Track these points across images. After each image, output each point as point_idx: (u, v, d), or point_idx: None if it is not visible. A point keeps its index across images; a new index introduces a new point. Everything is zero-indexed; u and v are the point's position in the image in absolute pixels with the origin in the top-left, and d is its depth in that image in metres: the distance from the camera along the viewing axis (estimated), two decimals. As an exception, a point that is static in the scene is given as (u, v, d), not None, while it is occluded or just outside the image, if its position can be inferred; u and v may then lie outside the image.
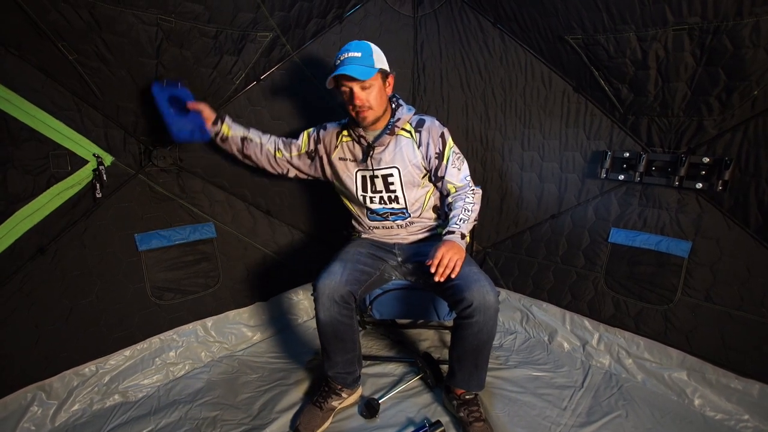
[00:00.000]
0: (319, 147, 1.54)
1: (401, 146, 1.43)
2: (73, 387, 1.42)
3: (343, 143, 1.50)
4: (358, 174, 1.49)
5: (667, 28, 1.31)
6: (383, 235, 1.58)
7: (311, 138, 1.56)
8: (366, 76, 1.28)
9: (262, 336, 1.89)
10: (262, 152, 1.57)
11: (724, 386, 1.43)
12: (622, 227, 1.67)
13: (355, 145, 1.47)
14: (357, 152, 1.47)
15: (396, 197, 1.48)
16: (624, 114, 1.58)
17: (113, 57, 1.31)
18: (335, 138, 1.51)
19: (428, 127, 1.45)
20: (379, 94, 1.34)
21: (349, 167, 1.50)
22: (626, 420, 1.42)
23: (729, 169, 1.38)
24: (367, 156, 1.44)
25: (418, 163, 1.45)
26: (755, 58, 1.20)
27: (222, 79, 1.57)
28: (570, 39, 1.55)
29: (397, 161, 1.43)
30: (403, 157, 1.43)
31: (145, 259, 1.59)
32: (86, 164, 1.41)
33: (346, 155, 1.50)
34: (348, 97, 1.34)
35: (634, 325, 1.65)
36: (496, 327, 1.28)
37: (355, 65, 1.29)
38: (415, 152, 1.44)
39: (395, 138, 1.44)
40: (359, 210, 1.57)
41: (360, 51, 1.31)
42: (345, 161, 1.50)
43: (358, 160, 1.47)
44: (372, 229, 1.58)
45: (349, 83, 1.31)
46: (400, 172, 1.44)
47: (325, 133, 1.53)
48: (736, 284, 1.43)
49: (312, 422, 1.36)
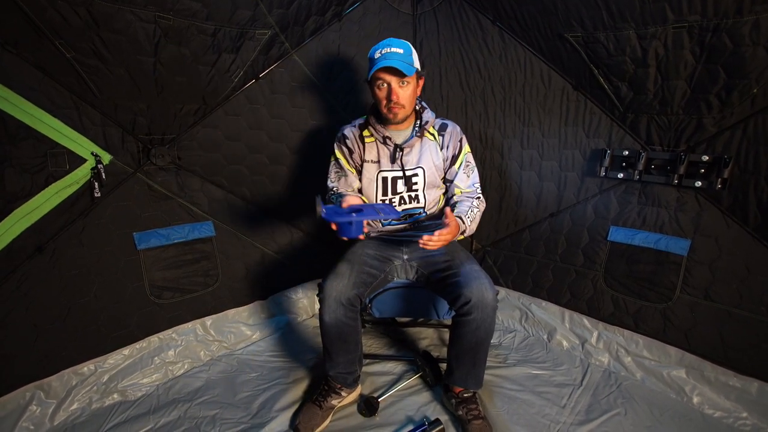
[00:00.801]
0: (354, 157, 1.48)
1: (426, 148, 1.45)
2: (71, 386, 1.42)
3: (366, 145, 1.46)
4: (379, 176, 1.46)
5: (666, 26, 1.31)
6: (393, 232, 1.57)
7: (345, 154, 1.49)
8: (409, 72, 1.28)
9: (262, 335, 1.89)
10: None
11: (722, 384, 1.44)
12: (621, 225, 1.67)
13: (381, 147, 1.44)
14: (382, 154, 1.44)
15: (417, 197, 1.48)
16: (623, 112, 1.58)
17: (111, 55, 1.30)
18: (359, 141, 1.47)
19: (450, 131, 1.48)
20: (412, 94, 1.35)
21: (369, 169, 1.46)
22: (625, 418, 1.42)
23: (728, 167, 1.38)
24: (395, 157, 1.43)
25: (440, 165, 1.48)
26: (755, 56, 1.20)
27: (220, 77, 1.56)
28: (569, 37, 1.55)
29: (422, 162, 1.45)
30: (428, 159, 1.45)
31: (144, 258, 1.59)
32: (84, 163, 1.40)
33: (370, 157, 1.46)
34: (384, 93, 1.33)
35: (633, 323, 1.65)
36: (494, 325, 1.28)
37: (398, 60, 1.28)
38: (438, 154, 1.47)
39: (421, 140, 1.45)
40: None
41: (402, 48, 1.31)
42: (367, 163, 1.47)
43: (381, 161, 1.45)
44: (385, 229, 1.56)
45: (389, 78, 1.30)
46: (424, 172, 1.45)
47: (350, 141, 1.47)
48: (735, 282, 1.43)
49: (311, 421, 1.36)
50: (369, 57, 1.35)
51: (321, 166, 1.97)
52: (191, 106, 1.58)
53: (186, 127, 1.61)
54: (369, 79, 1.34)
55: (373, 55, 1.33)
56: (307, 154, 1.94)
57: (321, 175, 1.97)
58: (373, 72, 1.30)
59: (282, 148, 1.87)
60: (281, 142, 1.86)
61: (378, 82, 1.32)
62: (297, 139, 1.89)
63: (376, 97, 1.36)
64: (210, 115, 1.64)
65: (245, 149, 1.78)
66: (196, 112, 1.61)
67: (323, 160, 1.97)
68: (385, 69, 1.28)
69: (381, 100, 1.35)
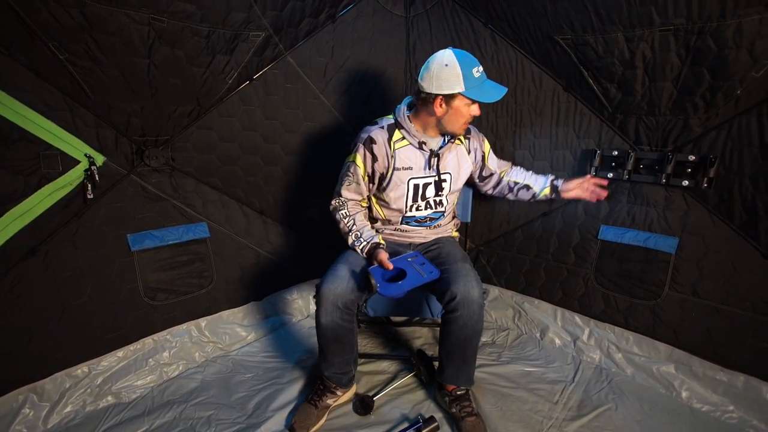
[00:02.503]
0: (376, 166, 1.39)
1: (456, 152, 1.48)
2: (65, 389, 1.41)
3: (397, 150, 1.39)
4: (411, 182, 1.43)
5: (653, 28, 1.34)
6: (403, 235, 1.57)
7: (366, 161, 1.39)
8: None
9: (257, 335, 1.90)
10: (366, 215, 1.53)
11: (710, 379, 1.47)
12: (611, 224, 1.70)
13: (415, 152, 1.40)
14: (417, 160, 1.41)
15: (441, 201, 1.50)
16: (612, 113, 1.61)
17: (105, 56, 1.30)
18: (388, 147, 1.38)
19: (475, 134, 1.53)
20: None
21: (401, 176, 1.41)
22: (616, 413, 1.45)
23: (714, 166, 1.41)
24: (431, 164, 1.42)
25: (468, 168, 1.52)
26: (738, 58, 1.23)
27: (214, 79, 1.57)
28: (559, 39, 1.58)
29: (451, 167, 1.47)
30: (457, 163, 1.48)
31: (138, 260, 1.58)
32: (78, 164, 1.40)
33: (402, 164, 1.40)
34: (476, 109, 1.32)
35: (623, 320, 1.68)
36: (482, 322, 1.30)
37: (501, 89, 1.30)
38: (467, 158, 1.50)
39: (453, 145, 1.47)
40: (391, 213, 1.51)
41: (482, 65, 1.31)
42: (399, 170, 1.40)
43: (414, 168, 1.41)
44: (396, 230, 1.56)
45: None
46: (451, 177, 1.48)
47: (377, 146, 1.37)
48: (721, 279, 1.46)
49: (307, 420, 1.37)
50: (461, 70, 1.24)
51: (316, 167, 2.00)
52: (185, 107, 1.58)
53: (180, 129, 1.61)
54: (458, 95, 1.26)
55: (467, 71, 1.25)
56: (301, 155, 1.95)
57: (316, 176, 2.00)
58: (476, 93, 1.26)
59: (276, 149, 1.88)
60: (275, 143, 1.86)
61: (475, 102, 1.30)
62: (291, 140, 1.90)
63: (457, 113, 1.30)
64: (204, 116, 1.65)
65: (239, 150, 1.78)
66: (190, 114, 1.61)
67: (317, 161, 1.99)
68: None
69: (465, 118, 1.32)
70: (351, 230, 1.43)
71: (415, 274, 1.28)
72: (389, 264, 1.29)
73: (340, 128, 2.00)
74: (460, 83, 1.25)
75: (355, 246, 1.42)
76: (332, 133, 1.99)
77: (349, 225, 1.44)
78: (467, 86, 1.25)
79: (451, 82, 1.25)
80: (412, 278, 1.26)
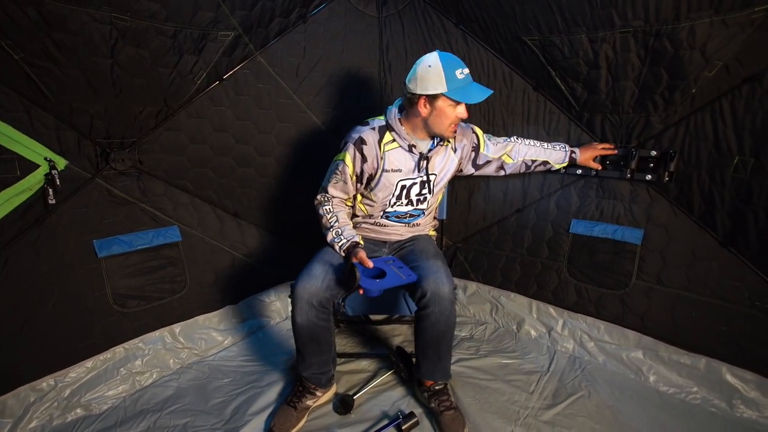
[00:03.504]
0: (365, 166, 1.40)
1: (444, 154, 1.49)
2: (29, 403, 1.35)
3: (387, 152, 1.40)
4: (399, 184, 1.44)
5: (614, 30, 1.39)
6: (381, 232, 1.58)
7: (356, 161, 1.40)
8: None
9: (234, 340, 1.86)
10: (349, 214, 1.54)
11: (675, 362, 1.55)
12: (581, 218, 1.76)
13: (405, 155, 1.41)
14: (406, 162, 1.42)
15: (425, 199, 1.51)
16: (579, 111, 1.67)
17: (64, 56, 1.25)
18: (378, 148, 1.39)
19: (461, 131, 1.51)
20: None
21: (390, 178, 1.42)
22: (589, 399, 1.50)
23: (674, 161, 1.48)
24: (420, 166, 1.43)
25: (453, 167, 1.52)
26: (692, 59, 1.30)
27: (182, 79, 1.53)
28: (527, 40, 1.62)
29: (438, 168, 1.48)
30: (443, 163, 1.49)
31: (106, 266, 1.53)
32: (37, 168, 1.34)
33: (391, 166, 1.41)
34: (462, 111, 1.31)
35: (594, 310, 1.74)
36: (454, 317, 1.32)
37: (484, 91, 1.30)
38: (453, 157, 1.51)
39: (442, 146, 1.47)
40: (372, 209, 1.53)
41: (468, 68, 1.31)
42: (388, 172, 1.42)
43: (404, 170, 1.42)
44: (375, 224, 1.57)
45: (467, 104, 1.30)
46: (436, 177, 1.49)
47: (368, 147, 1.38)
48: (683, 267, 1.54)
49: (287, 422, 1.35)
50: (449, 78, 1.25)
51: (290, 168, 1.98)
52: (152, 108, 1.54)
53: (147, 130, 1.57)
54: (442, 95, 1.27)
55: (450, 73, 1.26)
56: (275, 156, 1.93)
57: (291, 177, 1.98)
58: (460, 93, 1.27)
59: (249, 150, 1.85)
60: (248, 144, 1.84)
61: (461, 103, 1.30)
62: (265, 141, 1.88)
63: (442, 114, 1.31)
64: (172, 117, 1.60)
65: (210, 152, 1.75)
66: (157, 115, 1.57)
67: (292, 162, 1.98)
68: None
69: (450, 118, 1.31)
70: (332, 226, 1.43)
71: (394, 275, 1.29)
72: (369, 263, 1.30)
73: (314, 128, 1.99)
74: (442, 84, 1.26)
75: (335, 243, 1.41)
76: (306, 133, 1.97)
77: (331, 221, 1.44)
78: (449, 87, 1.26)
79: (434, 83, 1.26)
80: (391, 278, 1.28)
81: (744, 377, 1.41)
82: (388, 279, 1.27)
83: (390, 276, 1.28)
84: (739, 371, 1.42)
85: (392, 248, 1.59)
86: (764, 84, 1.24)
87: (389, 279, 1.27)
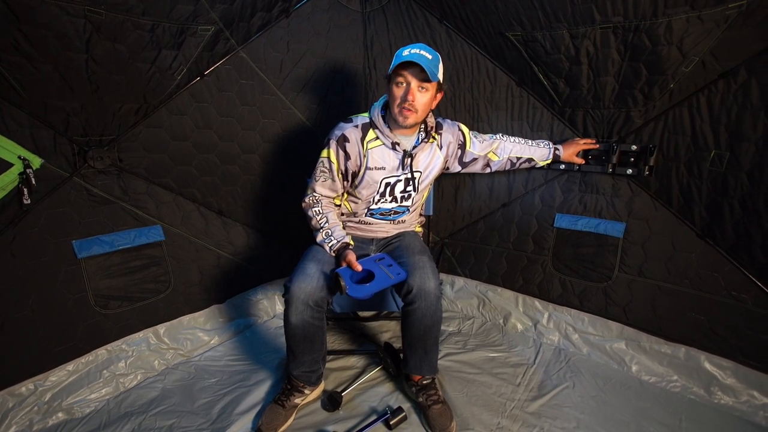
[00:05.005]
0: (349, 164, 1.40)
1: (430, 150, 1.48)
2: (8, 408, 1.31)
3: (370, 150, 1.39)
4: (383, 182, 1.44)
5: (595, 26, 1.41)
6: (367, 230, 1.58)
7: (339, 158, 1.40)
8: (432, 78, 1.25)
9: (220, 339, 1.84)
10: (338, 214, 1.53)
11: (656, 352, 1.58)
12: (565, 212, 1.79)
13: (389, 153, 1.40)
14: (389, 160, 1.41)
15: (410, 196, 1.51)
16: (562, 107, 1.69)
17: (36, 51, 1.21)
18: (361, 146, 1.39)
19: (447, 128, 1.52)
20: (428, 102, 1.33)
21: (374, 176, 1.41)
22: (573, 390, 1.53)
23: (653, 155, 1.51)
24: (404, 164, 1.41)
25: (439, 164, 1.52)
26: (669, 54, 1.32)
27: (162, 75, 1.50)
28: (510, 35, 1.63)
29: (422, 165, 1.47)
30: (429, 162, 1.48)
31: (86, 267, 1.49)
32: (11, 168, 1.29)
33: (374, 164, 1.40)
34: (402, 92, 1.28)
35: (578, 302, 1.77)
36: (440, 312, 1.33)
37: (426, 62, 1.24)
38: (438, 154, 1.50)
39: (427, 144, 1.46)
40: (357, 206, 1.53)
41: (431, 54, 1.27)
42: (371, 170, 1.40)
43: (387, 168, 1.41)
44: (360, 223, 1.56)
45: (410, 77, 1.26)
46: (421, 175, 1.48)
47: (350, 145, 1.38)
48: (663, 259, 1.57)
49: (275, 421, 1.35)
50: (396, 54, 1.29)
51: (276, 165, 1.96)
52: (131, 105, 1.50)
53: (126, 127, 1.53)
54: (389, 74, 1.30)
55: (400, 53, 1.28)
56: (260, 153, 1.90)
57: (276, 174, 1.96)
58: (395, 66, 1.25)
59: (233, 147, 1.82)
60: (232, 141, 1.81)
61: (398, 78, 1.28)
62: (249, 137, 1.85)
63: (391, 95, 1.32)
64: (152, 114, 1.57)
65: (193, 149, 1.71)
66: (137, 112, 1.53)
67: (277, 158, 1.95)
68: (410, 65, 1.24)
69: (395, 99, 1.30)
70: (322, 227, 1.43)
71: (382, 276, 1.29)
72: (358, 266, 1.29)
73: (299, 125, 1.97)
74: (392, 64, 1.28)
75: (324, 243, 1.41)
76: (291, 129, 1.95)
77: (321, 222, 1.44)
78: (393, 63, 1.28)
79: (391, 65, 1.30)
80: (379, 280, 1.27)
81: (721, 365, 1.46)
82: (375, 282, 1.27)
83: (378, 278, 1.28)
84: (716, 359, 1.46)
85: (379, 245, 1.59)
86: (738, 80, 1.27)
87: (377, 282, 1.27)
